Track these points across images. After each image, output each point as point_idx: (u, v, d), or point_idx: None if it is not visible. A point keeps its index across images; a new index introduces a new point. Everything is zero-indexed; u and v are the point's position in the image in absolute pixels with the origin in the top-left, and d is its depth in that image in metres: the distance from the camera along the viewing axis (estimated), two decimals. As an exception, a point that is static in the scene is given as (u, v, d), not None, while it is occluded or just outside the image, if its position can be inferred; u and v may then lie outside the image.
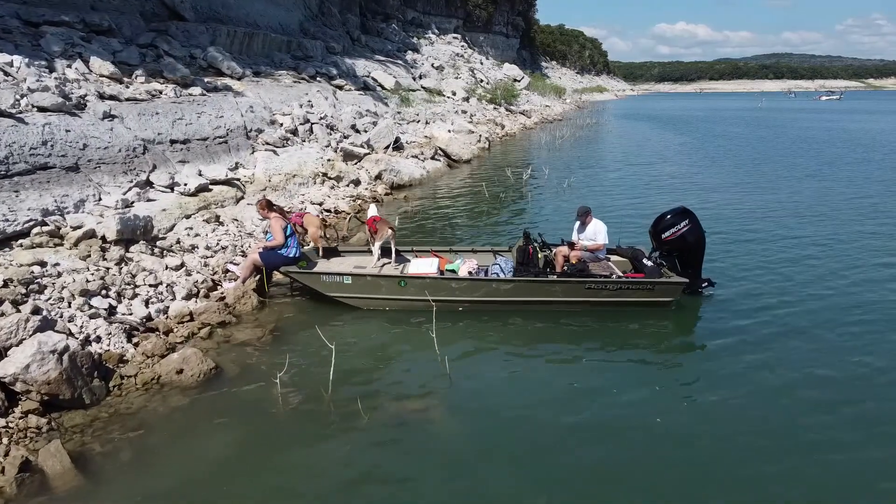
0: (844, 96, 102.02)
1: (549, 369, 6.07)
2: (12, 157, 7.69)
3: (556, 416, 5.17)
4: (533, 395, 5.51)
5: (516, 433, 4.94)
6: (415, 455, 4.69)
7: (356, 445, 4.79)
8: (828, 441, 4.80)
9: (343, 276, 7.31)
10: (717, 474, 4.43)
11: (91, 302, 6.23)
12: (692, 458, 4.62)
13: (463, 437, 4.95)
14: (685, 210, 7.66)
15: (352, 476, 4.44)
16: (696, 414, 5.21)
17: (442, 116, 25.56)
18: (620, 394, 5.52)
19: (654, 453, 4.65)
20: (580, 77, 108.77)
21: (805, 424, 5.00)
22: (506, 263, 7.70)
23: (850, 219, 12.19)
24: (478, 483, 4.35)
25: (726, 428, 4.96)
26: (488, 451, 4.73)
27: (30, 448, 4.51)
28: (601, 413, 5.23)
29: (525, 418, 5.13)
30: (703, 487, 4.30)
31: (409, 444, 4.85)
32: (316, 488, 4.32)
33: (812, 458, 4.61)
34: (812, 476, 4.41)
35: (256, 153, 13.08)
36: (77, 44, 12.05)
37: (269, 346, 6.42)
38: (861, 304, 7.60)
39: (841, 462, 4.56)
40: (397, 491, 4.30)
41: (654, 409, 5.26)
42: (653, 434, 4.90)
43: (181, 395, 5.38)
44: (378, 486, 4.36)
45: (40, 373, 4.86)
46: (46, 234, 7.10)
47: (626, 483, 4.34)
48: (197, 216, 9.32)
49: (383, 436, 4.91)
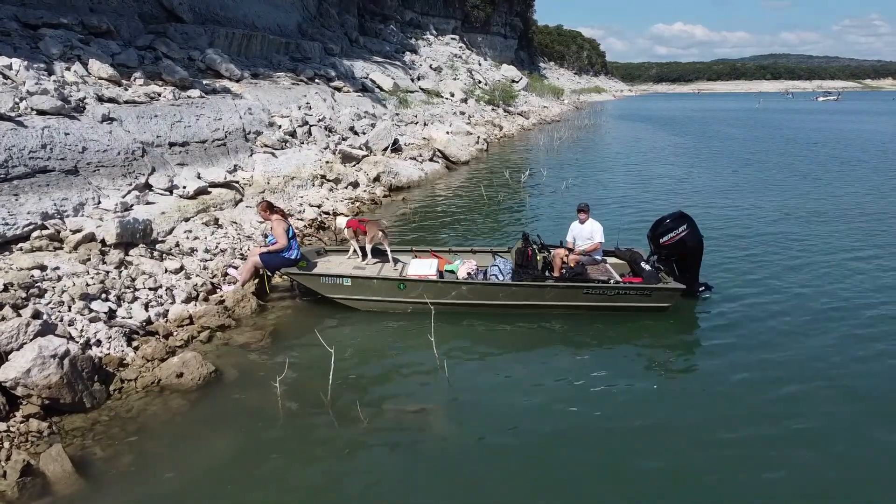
0: (842, 97, 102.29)
1: (547, 372, 6.10)
2: (11, 160, 7.70)
3: (555, 418, 5.21)
4: (532, 397, 5.55)
5: (515, 436, 4.97)
6: (414, 458, 4.73)
7: (356, 449, 4.82)
8: (826, 439, 4.84)
9: (342, 278, 7.33)
10: (715, 474, 4.47)
11: (91, 305, 6.25)
12: (690, 459, 4.65)
13: (462, 440, 4.98)
14: (683, 215, 7.70)
15: (352, 480, 4.48)
16: (693, 417, 5.24)
17: (440, 118, 25.59)
18: (618, 396, 5.56)
19: (652, 455, 4.69)
20: (578, 78, 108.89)
21: (803, 427, 5.04)
22: (505, 265, 7.74)
23: (845, 220, 12.24)
24: (477, 486, 4.38)
25: (723, 430, 4.99)
26: (487, 453, 4.76)
27: (31, 452, 4.53)
28: (599, 415, 5.26)
29: (524, 421, 5.17)
30: (702, 488, 4.34)
31: (409, 447, 4.88)
32: (315, 492, 4.35)
33: (808, 456, 4.65)
34: (811, 474, 4.46)
35: (255, 155, 13.10)
36: (76, 46, 12.05)
37: (269, 349, 6.45)
38: (857, 305, 7.65)
39: (840, 457, 4.61)
40: (397, 494, 4.33)
41: (652, 412, 5.30)
42: (651, 436, 4.94)
43: (181, 399, 5.40)
44: (378, 489, 4.39)
45: (41, 377, 4.88)
46: (46, 238, 7.11)
47: (625, 484, 4.38)
48: (196, 219, 9.34)
49: (383, 439, 4.95)
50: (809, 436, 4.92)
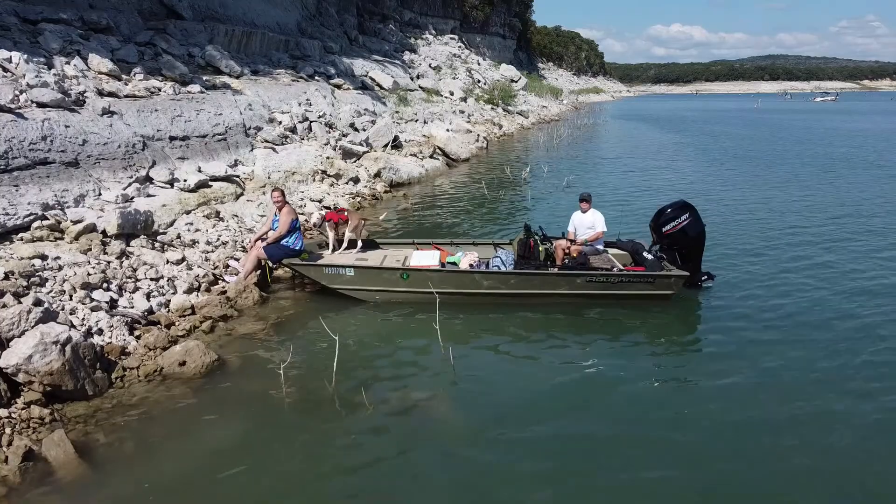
0: (839, 98, 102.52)
1: (550, 360, 6.07)
2: (12, 151, 7.66)
3: (560, 405, 5.18)
4: (536, 385, 5.52)
5: (519, 423, 4.93)
6: (419, 445, 4.69)
7: (360, 435, 4.78)
8: (827, 426, 4.82)
9: (346, 269, 7.30)
10: (717, 461, 4.44)
11: (92, 295, 6.21)
12: (696, 447, 4.62)
13: (467, 426, 4.95)
14: (686, 204, 7.68)
15: (356, 466, 4.44)
16: (696, 404, 5.21)
17: (440, 116, 25.56)
18: (621, 384, 5.53)
19: (656, 442, 4.65)
20: (577, 78, 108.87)
21: (806, 412, 5.02)
22: (507, 256, 7.71)
23: (845, 212, 12.24)
24: (482, 472, 4.34)
25: (725, 417, 4.97)
26: (492, 440, 4.72)
27: (33, 438, 4.49)
28: (604, 404, 5.24)
29: (528, 408, 5.14)
30: (709, 475, 4.31)
31: (414, 434, 4.84)
32: (320, 478, 4.31)
33: (809, 445, 4.62)
34: (810, 462, 4.43)
35: (256, 151, 13.06)
36: (75, 41, 12.01)
37: (272, 338, 6.41)
38: (859, 293, 7.66)
39: (838, 446, 4.58)
40: (401, 480, 4.29)
41: (655, 400, 5.28)
42: (655, 423, 4.91)
43: (184, 387, 5.37)
44: (382, 475, 4.35)
45: (43, 363, 4.84)
46: (47, 229, 7.07)
47: (629, 471, 4.34)
48: (197, 212, 9.30)
49: (388, 425, 4.91)
50: (813, 421, 4.89)
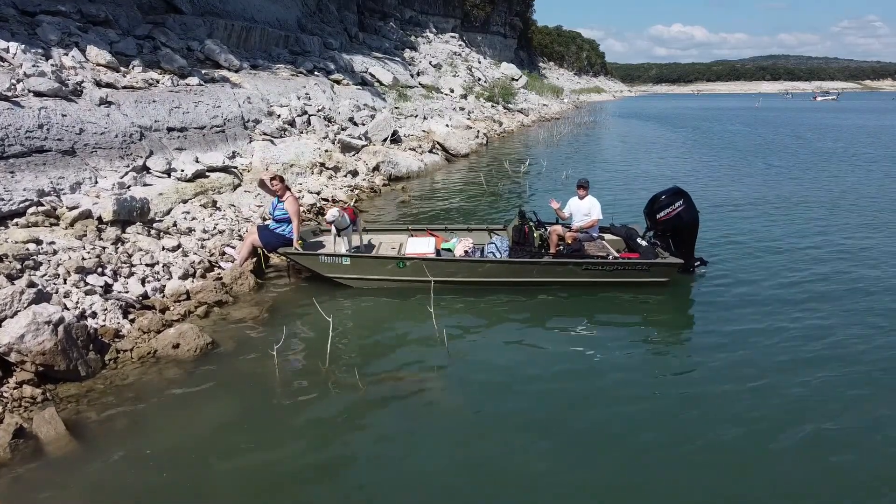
0: (840, 97, 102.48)
1: (544, 344, 6.05)
2: (8, 139, 7.66)
3: (552, 388, 5.16)
4: (529, 368, 5.51)
5: (513, 405, 4.92)
6: (412, 426, 4.67)
7: (353, 416, 4.77)
8: (818, 409, 4.81)
9: (342, 257, 7.29)
10: (710, 443, 4.42)
11: (87, 279, 6.20)
12: (687, 428, 4.60)
13: (460, 408, 4.93)
14: (680, 190, 7.67)
15: (349, 446, 4.43)
16: (691, 388, 5.20)
17: (440, 112, 25.55)
18: (614, 368, 5.52)
19: (648, 425, 4.63)
20: (578, 78, 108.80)
21: (801, 394, 5.01)
22: (501, 242, 7.70)
23: (836, 202, 12.29)
24: (475, 452, 4.32)
25: (721, 401, 4.95)
26: (485, 421, 4.71)
27: (24, 416, 4.48)
28: (596, 386, 5.22)
29: (521, 390, 5.12)
30: (701, 457, 4.30)
31: (407, 415, 4.83)
32: (312, 458, 4.30)
33: (803, 426, 4.60)
34: (804, 443, 4.41)
35: (254, 143, 13.06)
36: (74, 33, 12.01)
37: (267, 323, 6.40)
38: (853, 277, 7.72)
39: (831, 429, 4.57)
40: (395, 461, 4.27)
41: (648, 383, 5.28)
42: (648, 405, 4.90)
43: (177, 368, 5.36)
44: (375, 456, 4.34)
45: (35, 343, 4.83)
46: (42, 214, 7.07)
47: (621, 453, 4.31)
48: (194, 201, 9.30)
49: (380, 405, 4.90)
50: (806, 406, 4.87)
